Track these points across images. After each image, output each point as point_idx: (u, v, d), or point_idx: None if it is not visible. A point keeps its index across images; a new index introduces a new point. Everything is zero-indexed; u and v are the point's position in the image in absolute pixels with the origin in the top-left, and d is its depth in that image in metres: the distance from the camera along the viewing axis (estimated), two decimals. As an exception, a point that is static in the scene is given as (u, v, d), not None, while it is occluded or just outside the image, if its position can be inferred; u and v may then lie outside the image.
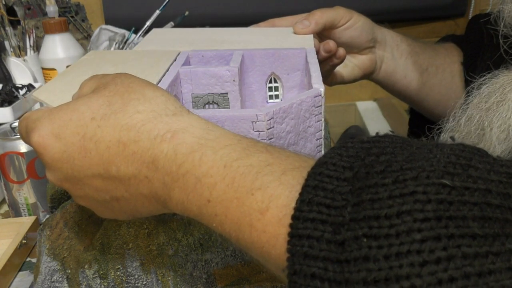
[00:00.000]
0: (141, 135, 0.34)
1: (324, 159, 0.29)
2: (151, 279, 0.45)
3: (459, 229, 0.24)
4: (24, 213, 0.65)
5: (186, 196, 0.33)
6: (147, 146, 0.34)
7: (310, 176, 0.28)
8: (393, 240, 0.24)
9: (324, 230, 0.26)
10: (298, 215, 0.27)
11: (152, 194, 0.35)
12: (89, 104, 0.36)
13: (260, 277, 0.44)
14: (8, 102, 0.78)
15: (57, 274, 0.47)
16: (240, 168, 0.31)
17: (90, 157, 0.35)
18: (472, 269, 0.23)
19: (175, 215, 0.45)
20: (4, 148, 0.62)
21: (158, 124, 0.35)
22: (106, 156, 0.35)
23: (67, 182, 0.37)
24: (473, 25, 0.76)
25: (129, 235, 0.44)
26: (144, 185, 0.35)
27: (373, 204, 0.25)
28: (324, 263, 0.25)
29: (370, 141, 0.30)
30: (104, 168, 0.35)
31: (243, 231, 0.30)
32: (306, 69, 0.56)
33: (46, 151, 0.36)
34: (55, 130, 0.36)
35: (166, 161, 0.33)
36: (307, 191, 0.28)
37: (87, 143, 0.35)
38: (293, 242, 0.27)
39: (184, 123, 0.35)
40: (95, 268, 0.45)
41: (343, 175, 0.28)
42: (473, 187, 0.25)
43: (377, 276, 0.24)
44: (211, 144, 0.33)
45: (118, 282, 0.45)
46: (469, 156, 0.27)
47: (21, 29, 0.97)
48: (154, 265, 0.45)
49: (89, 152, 0.35)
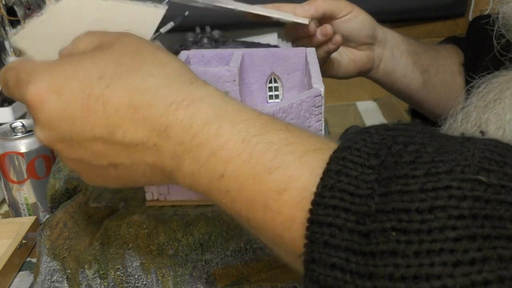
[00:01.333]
0: (156, 99, 0.32)
1: (348, 143, 0.28)
2: (151, 279, 0.45)
3: (495, 230, 0.23)
4: (24, 213, 0.65)
5: (197, 168, 0.31)
6: (161, 112, 0.32)
7: (332, 160, 0.27)
8: (424, 236, 0.23)
9: (347, 218, 0.25)
10: (319, 200, 0.26)
11: (157, 163, 0.32)
12: (95, 61, 0.33)
13: (260, 277, 0.44)
14: (8, 102, 0.78)
15: (57, 274, 0.47)
16: (259, 145, 0.30)
17: (95, 118, 0.32)
18: (508, 272, 0.22)
19: (175, 215, 0.45)
20: (4, 148, 0.62)
21: (174, 90, 0.32)
22: (113, 119, 0.32)
23: (61, 143, 0.34)
24: (474, 26, 0.76)
25: (129, 235, 0.44)
26: (151, 153, 0.32)
27: (402, 196, 0.24)
28: (346, 254, 0.24)
29: (396, 129, 0.28)
30: (109, 131, 0.32)
31: (256, 211, 0.29)
32: (306, 69, 0.56)
33: (42, 107, 0.33)
34: (56, 85, 0.33)
35: (180, 130, 0.31)
36: (329, 175, 0.26)
37: (92, 102, 0.32)
38: (312, 228, 0.26)
39: (201, 92, 0.33)
40: (95, 268, 0.45)
41: (368, 162, 0.26)
42: (510, 185, 0.24)
43: (405, 272, 0.23)
44: (230, 116, 0.31)
45: (118, 282, 0.45)
46: (504, 153, 0.26)
47: (21, 29, 0.97)
48: (154, 265, 0.45)
49: (94, 112, 0.32)
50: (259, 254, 0.45)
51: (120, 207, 0.47)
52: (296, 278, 0.43)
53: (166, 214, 0.45)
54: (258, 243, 0.44)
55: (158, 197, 0.46)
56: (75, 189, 0.53)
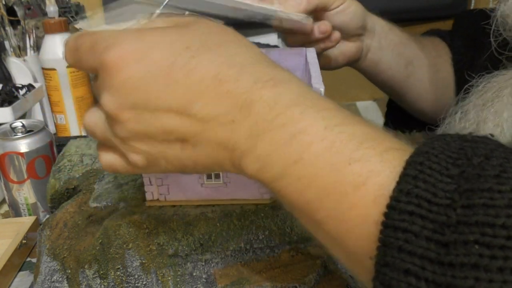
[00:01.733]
0: (241, 76, 0.31)
1: (425, 148, 0.27)
2: (151, 279, 0.45)
3: None
4: (24, 213, 0.65)
5: (274, 149, 0.30)
6: (246, 88, 0.31)
7: (409, 164, 0.26)
8: (510, 253, 0.23)
9: (424, 226, 0.25)
10: (395, 205, 0.25)
11: (230, 142, 0.31)
12: (181, 33, 0.32)
13: (260, 277, 0.44)
14: (8, 102, 0.78)
15: (57, 274, 0.47)
16: (341, 134, 0.29)
17: (175, 87, 0.31)
18: None
19: (175, 215, 0.45)
20: (4, 148, 0.62)
21: (260, 70, 0.32)
22: (195, 90, 0.31)
23: (130, 111, 0.32)
24: (462, 22, 0.76)
25: (129, 235, 0.44)
26: (226, 130, 0.31)
27: (487, 210, 0.24)
28: (422, 261, 0.24)
29: (473, 141, 0.28)
30: (187, 102, 0.31)
31: (328, 201, 0.28)
32: (306, 69, 0.56)
33: (122, 70, 0.31)
34: (139, 50, 0.31)
35: (263, 108, 0.30)
36: (406, 180, 0.26)
37: (176, 71, 0.31)
38: (386, 232, 0.25)
39: (285, 76, 0.32)
40: (95, 268, 0.45)
41: (447, 170, 0.26)
42: None
43: (487, 287, 0.22)
44: (313, 103, 0.30)
45: (118, 282, 0.45)
46: None
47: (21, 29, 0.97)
48: (154, 265, 0.45)
49: (176, 81, 0.31)
50: (259, 254, 0.45)
51: (120, 207, 0.47)
52: (296, 278, 0.43)
53: (166, 214, 0.45)
54: (258, 243, 0.44)
55: (158, 197, 0.46)
56: (75, 189, 0.53)
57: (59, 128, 0.85)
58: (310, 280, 0.43)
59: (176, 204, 0.46)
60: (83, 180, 0.53)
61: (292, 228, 0.44)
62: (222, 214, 0.44)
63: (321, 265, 0.45)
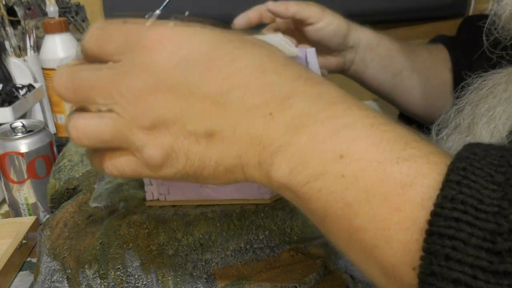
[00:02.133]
0: (284, 71, 0.30)
1: (465, 154, 0.26)
2: (151, 279, 0.45)
3: None
4: (24, 213, 0.65)
5: (314, 145, 0.28)
6: (289, 81, 0.30)
7: (451, 170, 0.25)
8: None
9: (472, 233, 0.24)
10: (440, 211, 0.24)
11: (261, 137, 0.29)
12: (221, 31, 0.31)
13: (260, 277, 0.44)
14: (8, 102, 0.78)
15: (57, 274, 0.47)
16: (388, 133, 0.28)
17: (216, 72, 0.29)
18: None
19: (175, 215, 0.45)
20: (4, 148, 0.62)
21: (301, 69, 0.31)
22: (236, 77, 0.29)
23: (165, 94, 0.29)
24: (465, 26, 0.77)
25: (129, 235, 0.45)
26: (261, 123, 0.29)
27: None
28: (473, 270, 0.23)
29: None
30: (226, 89, 0.29)
31: (370, 204, 0.26)
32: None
33: (163, 49, 0.29)
34: (186, 32, 0.30)
35: (305, 102, 0.29)
36: (449, 186, 0.25)
37: (219, 57, 0.30)
38: (432, 240, 0.24)
39: (321, 78, 0.31)
40: (95, 268, 0.45)
41: (491, 177, 0.25)
42: None
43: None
44: (355, 102, 0.29)
45: (118, 282, 0.45)
46: None
47: (21, 29, 0.97)
48: (154, 265, 0.45)
49: (217, 67, 0.29)
50: (259, 254, 0.45)
51: (120, 207, 0.47)
52: (296, 278, 0.43)
53: (166, 214, 0.45)
54: (258, 243, 0.44)
55: (158, 197, 0.46)
56: (75, 189, 0.53)
57: (59, 128, 0.85)
58: (310, 280, 0.43)
59: (176, 204, 0.46)
60: (83, 180, 0.53)
61: (292, 228, 0.44)
62: (222, 214, 0.44)
63: (321, 265, 0.45)
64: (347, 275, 0.45)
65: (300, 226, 0.44)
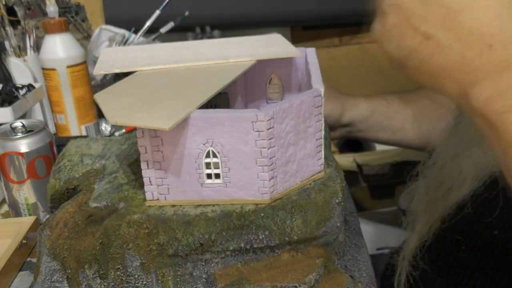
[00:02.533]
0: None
1: None
2: (151, 279, 0.45)
3: None
4: (24, 213, 0.65)
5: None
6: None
7: None
8: None
9: None
10: None
11: (472, 62, 0.33)
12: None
13: (260, 277, 0.44)
14: (8, 102, 0.78)
15: (57, 274, 0.47)
16: None
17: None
18: None
19: (175, 215, 0.45)
20: (4, 148, 0.62)
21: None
22: (474, 4, 0.33)
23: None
24: None
25: (129, 235, 0.45)
26: (477, 51, 0.32)
27: None
28: None
29: None
30: (460, 8, 0.33)
31: None
32: (306, 69, 0.56)
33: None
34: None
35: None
36: None
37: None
38: None
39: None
40: (95, 268, 0.45)
41: None
42: None
43: None
44: None
45: (118, 282, 0.45)
46: None
47: (21, 29, 0.97)
48: (154, 265, 0.45)
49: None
50: (259, 254, 0.45)
51: (120, 207, 0.47)
52: (296, 278, 0.43)
53: (166, 214, 0.45)
54: (258, 243, 0.44)
55: (158, 197, 0.46)
56: (75, 189, 0.53)
57: (59, 128, 0.85)
58: (310, 280, 0.43)
59: (176, 204, 0.46)
60: (83, 180, 0.53)
61: (292, 228, 0.44)
62: (222, 214, 0.44)
63: (321, 265, 0.45)
64: (347, 275, 0.45)
65: (300, 226, 0.44)
